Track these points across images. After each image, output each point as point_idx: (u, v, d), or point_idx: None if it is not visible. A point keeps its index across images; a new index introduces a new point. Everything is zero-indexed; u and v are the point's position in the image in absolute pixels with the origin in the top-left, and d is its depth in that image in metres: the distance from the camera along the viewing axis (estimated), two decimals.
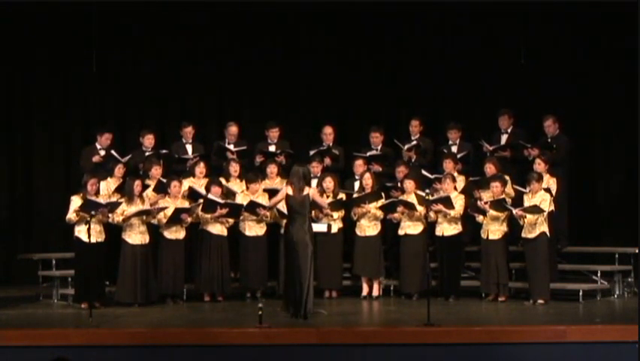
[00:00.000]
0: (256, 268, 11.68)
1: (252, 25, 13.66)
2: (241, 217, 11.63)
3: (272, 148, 12.50)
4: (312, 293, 10.22)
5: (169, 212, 11.25)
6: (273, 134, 12.54)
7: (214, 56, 13.87)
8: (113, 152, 11.95)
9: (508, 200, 11.36)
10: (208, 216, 11.44)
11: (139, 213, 11.10)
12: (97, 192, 11.05)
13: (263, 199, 11.64)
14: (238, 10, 13.40)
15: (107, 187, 11.49)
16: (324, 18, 13.69)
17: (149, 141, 12.27)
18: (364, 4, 13.12)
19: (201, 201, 11.40)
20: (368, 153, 12.41)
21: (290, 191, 10.19)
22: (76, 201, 10.95)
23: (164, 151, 12.38)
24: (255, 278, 11.70)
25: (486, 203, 11.30)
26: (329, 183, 11.74)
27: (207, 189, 11.52)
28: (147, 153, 12.17)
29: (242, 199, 11.65)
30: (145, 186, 11.44)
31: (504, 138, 12.39)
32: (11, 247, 13.55)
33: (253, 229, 11.73)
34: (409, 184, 11.67)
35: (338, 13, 13.48)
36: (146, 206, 11.19)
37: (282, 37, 13.79)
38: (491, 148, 12.17)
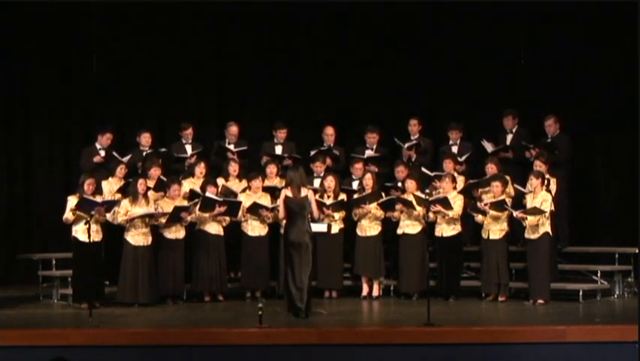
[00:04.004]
0: (259, 268, 11.70)
1: (252, 25, 13.66)
2: (243, 218, 11.64)
3: (278, 148, 12.52)
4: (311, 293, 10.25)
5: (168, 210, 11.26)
6: (281, 135, 12.55)
7: (214, 55, 13.86)
8: (114, 153, 11.96)
9: (508, 200, 11.35)
10: (206, 215, 11.43)
11: (143, 216, 11.10)
12: (95, 193, 11.02)
13: (265, 200, 11.65)
14: (238, 10, 13.39)
15: (110, 188, 11.50)
16: (324, 18, 13.68)
17: (145, 139, 12.29)
18: (364, 5, 13.11)
19: (197, 200, 11.38)
20: (365, 155, 12.42)
21: (289, 193, 10.20)
22: (72, 201, 10.95)
23: (162, 150, 12.41)
24: (257, 278, 11.71)
25: (486, 205, 11.30)
26: (330, 182, 11.74)
27: (203, 189, 11.51)
28: (145, 153, 12.18)
29: (244, 199, 11.65)
30: (147, 188, 11.42)
31: (509, 138, 12.40)
32: (11, 247, 13.55)
33: (256, 229, 11.74)
34: (411, 184, 11.67)
35: (338, 13, 13.48)
36: (151, 207, 11.19)
37: (283, 37, 13.78)
38: (491, 150, 12.17)
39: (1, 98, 13.76)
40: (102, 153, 12.12)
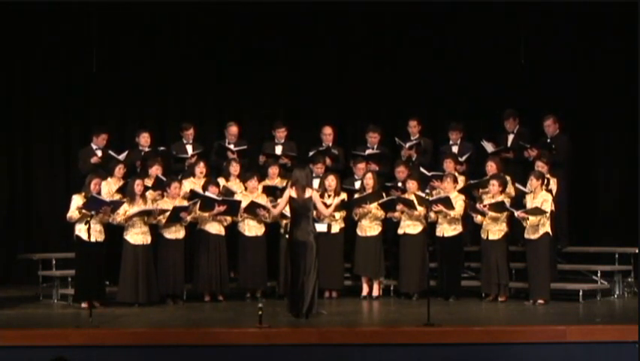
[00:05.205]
0: (256, 269, 11.70)
1: (252, 25, 13.66)
2: (240, 218, 11.65)
3: (279, 148, 12.52)
4: (317, 294, 10.28)
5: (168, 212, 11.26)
6: (280, 134, 12.55)
7: (214, 55, 13.86)
8: (110, 152, 11.97)
9: (507, 201, 11.35)
10: (206, 215, 11.43)
11: (141, 214, 11.11)
12: (99, 193, 11.03)
13: (262, 199, 11.65)
14: (238, 10, 13.39)
15: (109, 188, 11.50)
16: (324, 18, 13.69)
17: (144, 139, 12.30)
18: (364, 4, 13.11)
19: (197, 200, 11.38)
20: (366, 152, 12.43)
21: (293, 193, 10.19)
22: (77, 200, 10.95)
23: (162, 148, 12.42)
24: (254, 278, 11.71)
25: (485, 206, 11.30)
26: (331, 181, 11.74)
27: (204, 189, 11.52)
28: (143, 152, 12.19)
29: (241, 199, 11.65)
30: (145, 188, 11.41)
31: (510, 139, 12.40)
32: (11, 247, 13.54)
33: (252, 229, 11.74)
34: (412, 185, 11.67)
35: (338, 13, 13.48)
36: (149, 206, 11.20)
37: (282, 37, 13.77)
38: (490, 151, 12.17)
39: (1, 98, 13.76)
40: (99, 153, 12.13)
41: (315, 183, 11.88)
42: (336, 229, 11.80)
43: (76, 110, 13.85)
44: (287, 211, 10.68)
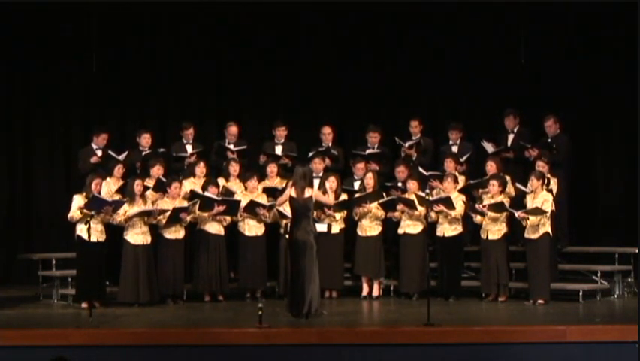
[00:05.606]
0: (255, 268, 11.70)
1: (252, 25, 13.66)
2: (241, 217, 11.65)
3: (279, 148, 12.51)
4: (318, 293, 10.29)
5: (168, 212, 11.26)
6: (280, 133, 12.54)
7: (214, 56, 13.87)
8: (110, 152, 11.97)
9: (507, 201, 11.35)
10: (206, 215, 11.43)
11: (141, 214, 11.11)
12: (99, 193, 11.02)
13: (262, 199, 11.65)
14: (238, 10, 13.40)
15: (108, 188, 11.49)
16: (324, 18, 13.69)
17: (145, 140, 12.30)
18: (364, 4, 13.12)
19: (196, 200, 11.38)
20: (367, 152, 12.42)
21: (293, 193, 10.20)
22: (78, 200, 10.95)
23: (161, 150, 12.41)
24: (254, 278, 11.71)
25: (484, 206, 11.30)
26: (332, 182, 11.73)
27: (204, 189, 11.52)
28: (144, 153, 12.19)
29: (241, 198, 11.65)
30: (145, 187, 11.42)
31: (510, 138, 12.40)
32: (11, 247, 13.55)
33: (252, 229, 11.74)
34: (412, 185, 11.67)
35: (338, 12, 13.48)
36: (149, 206, 11.20)
37: (282, 36, 13.78)
38: (491, 151, 12.17)
39: (1, 98, 13.76)
40: (99, 153, 12.13)
41: (315, 182, 11.89)
42: (336, 229, 11.80)
43: (77, 110, 13.85)
44: (287, 211, 10.69)
